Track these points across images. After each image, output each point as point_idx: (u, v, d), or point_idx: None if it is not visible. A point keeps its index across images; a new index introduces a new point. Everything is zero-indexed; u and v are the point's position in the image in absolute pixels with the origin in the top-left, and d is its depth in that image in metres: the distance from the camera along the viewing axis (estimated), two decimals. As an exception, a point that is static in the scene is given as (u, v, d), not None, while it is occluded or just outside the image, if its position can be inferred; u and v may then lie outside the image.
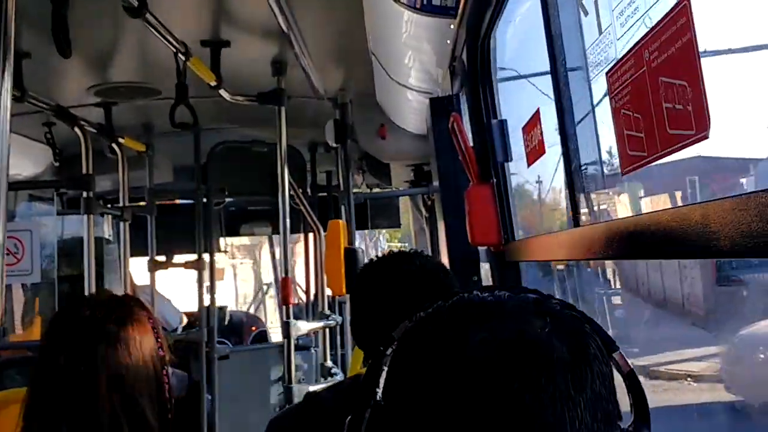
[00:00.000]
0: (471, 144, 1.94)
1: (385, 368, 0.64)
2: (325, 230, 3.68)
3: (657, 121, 0.78)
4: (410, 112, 3.14)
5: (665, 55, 0.73)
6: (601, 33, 0.94)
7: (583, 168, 1.18)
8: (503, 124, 1.81)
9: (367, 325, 1.39)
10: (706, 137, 0.68)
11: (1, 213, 1.43)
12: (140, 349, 1.28)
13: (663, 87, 0.75)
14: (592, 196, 1.23)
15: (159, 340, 1.32)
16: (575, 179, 1.19)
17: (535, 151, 1.51)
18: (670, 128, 0.75)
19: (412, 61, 2.58)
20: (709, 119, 0.67)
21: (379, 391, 0.64)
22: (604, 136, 1.14)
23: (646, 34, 0.78)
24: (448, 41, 2.28)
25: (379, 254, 1.53)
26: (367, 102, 3.26)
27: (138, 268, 4.27)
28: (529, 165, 1.62)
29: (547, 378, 0.56)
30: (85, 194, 3.25)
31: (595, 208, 1.32)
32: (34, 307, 3.98)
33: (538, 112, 1.47)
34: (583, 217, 1.19)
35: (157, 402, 1.28)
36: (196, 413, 3.63)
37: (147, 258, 3.93)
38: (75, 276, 3.76)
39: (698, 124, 0.69)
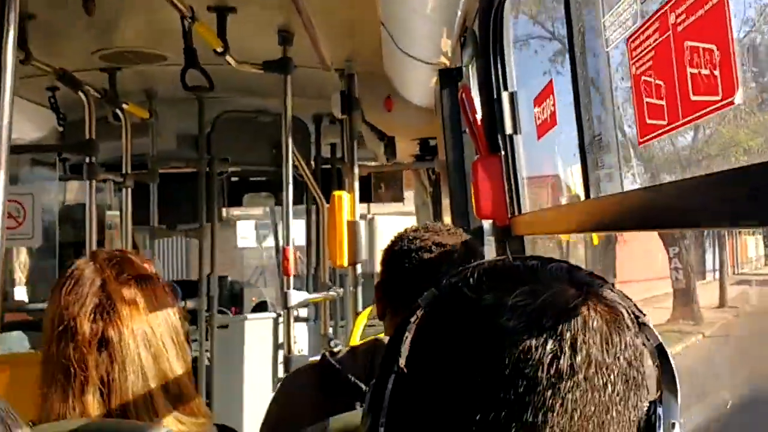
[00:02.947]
0: (479, 116, 1.92)
1: (409, 335, 0.63)
2: (328, 202, 3.67)
3: (680, 87, 0.76)
4: (417, 84, 3.11)
5: (693, 18, 0.71)
6: (622, -2, 0.92)
7: (597, 138, 1.16)
8: (513, 96, 1.79)
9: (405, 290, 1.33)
10: (732, 103, 0.67)
11: (2, 174, 1.42)
12: (159, 302, 1.27)
13: (688, 51, 0.73)
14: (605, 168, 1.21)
15: (166, 289, 1.32)
16: (588, 151, 1.17)
17: (546, 124, 1.49)
18: (694, 94, 0.74)
19: (421, 32, 2.55)
20: (737, 84, 0.65)
21: (402, 359, 0.63)
22: (619, 106, 1.12)
23: (672, -3, 0.76)
24: (459, 11, 2.25)
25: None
26: (374, 74, 3.23)
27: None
28: (539, 138, 1.60)
29: (582, 341, 0.57)
30: (87, 160, 3.23)
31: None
32: (35, 272, 3.98)
33: (551, 83, 1.45)
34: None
35: (182, 352, 1.28)
36: (194, 381, 3.64)
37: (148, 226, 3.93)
38: (76, 243, 3.76)
39: (725, 90, 0.67)
